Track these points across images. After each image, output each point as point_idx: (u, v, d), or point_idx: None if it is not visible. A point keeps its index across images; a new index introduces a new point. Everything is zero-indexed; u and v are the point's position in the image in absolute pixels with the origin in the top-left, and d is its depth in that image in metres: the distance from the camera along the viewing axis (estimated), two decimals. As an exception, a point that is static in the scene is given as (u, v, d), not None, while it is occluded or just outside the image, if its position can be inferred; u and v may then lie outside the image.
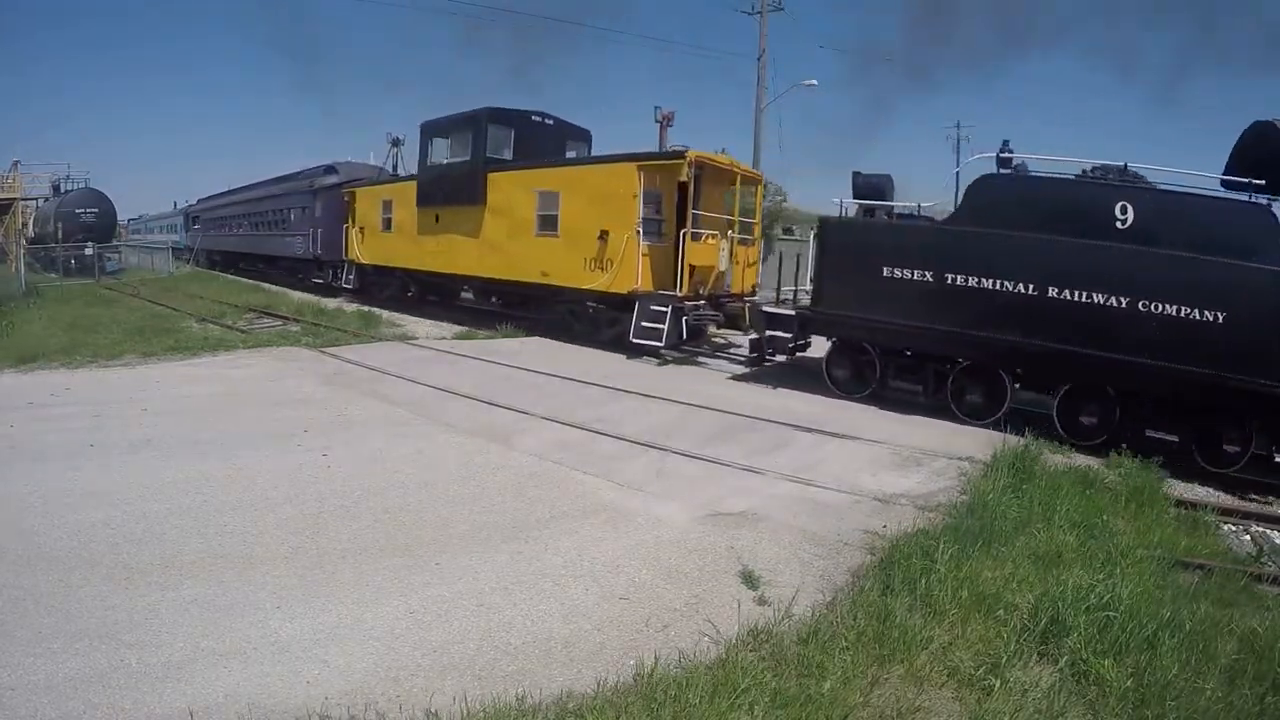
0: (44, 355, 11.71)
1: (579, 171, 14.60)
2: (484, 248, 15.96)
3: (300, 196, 25.09)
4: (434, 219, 17.44)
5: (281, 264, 27.73)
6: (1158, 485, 7.14)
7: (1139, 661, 3.88)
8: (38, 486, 5.81)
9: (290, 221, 26.01)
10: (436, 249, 17.35)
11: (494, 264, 15.82)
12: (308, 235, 23.96)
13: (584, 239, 13.64)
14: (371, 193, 20.55)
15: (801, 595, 4.50)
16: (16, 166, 39.28)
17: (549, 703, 3.38)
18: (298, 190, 25.55)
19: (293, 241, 25.58)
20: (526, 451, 7.26)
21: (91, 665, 3.54)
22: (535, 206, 14.78)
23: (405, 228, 18.54)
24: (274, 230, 27.62)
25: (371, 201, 20.24)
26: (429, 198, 17.48)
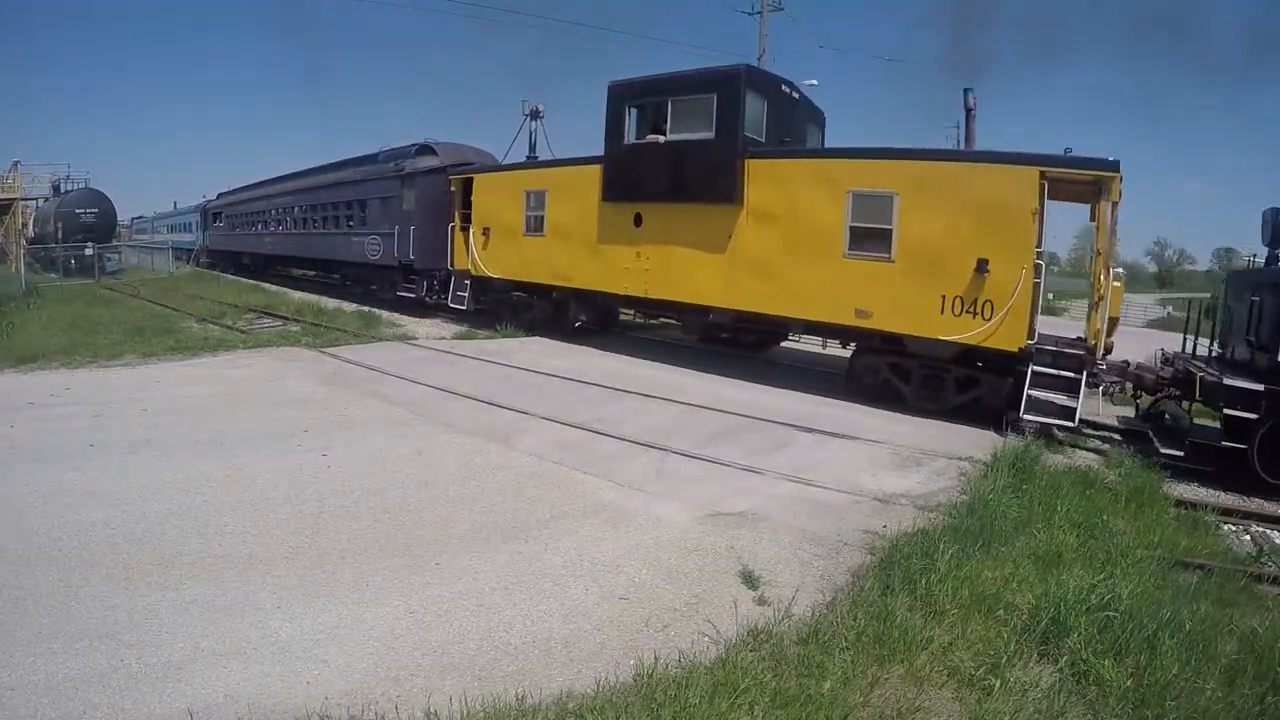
0: (44, 355, 11.71)
1: (935, 169, 9.94)
2: (736, 267, 11.30)
3: (379, 185, 19.21)
4: (632, 220, 12.60)
5: (347, 271, 22.31)
6: (1158, 485, 7.14)
7: (1139, 661, 3.88)
8: (38, 486, 5.81)
9: (363, 218, 20.24)
10: (639, 264, 12.51)
11: (755, 291, 11.11)
12: (391, 235, 18.45)
13: (943, 268, 9.55)
14: (502, 182, 15.48)
15: (801, 595, 4.50)
16: (16, 166, 39.31)
17: (549, 703, 3.39)
18: (376, 176, 19.50)
19: (365, 243, 19.86)
20: (526, 451, 7.26)
21: (91, 665, 3.54)
22: (847, 214, 10.37)
23: (573, 231, 13.62)
24: (336, 228, 21.86)
25: (503, 194, 15.25)
26: (626, 190, 12.65)
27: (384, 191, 19.05)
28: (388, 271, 19.21)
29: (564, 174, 14.08)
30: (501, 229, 15.33)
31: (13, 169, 39.11)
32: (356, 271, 21.53)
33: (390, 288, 19.37)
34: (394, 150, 19.52)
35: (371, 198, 19.65)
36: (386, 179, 18.98)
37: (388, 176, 18.93)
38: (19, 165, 39.35)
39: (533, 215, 14.65)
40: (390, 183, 18.76)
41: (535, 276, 14.68)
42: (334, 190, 22.00)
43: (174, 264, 33.16)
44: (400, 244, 18.06)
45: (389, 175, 18.89)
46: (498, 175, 15.96)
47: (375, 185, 19.53)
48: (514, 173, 15.57)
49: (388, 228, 18.61)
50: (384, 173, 19.18)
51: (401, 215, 18.19)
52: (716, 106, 11.35)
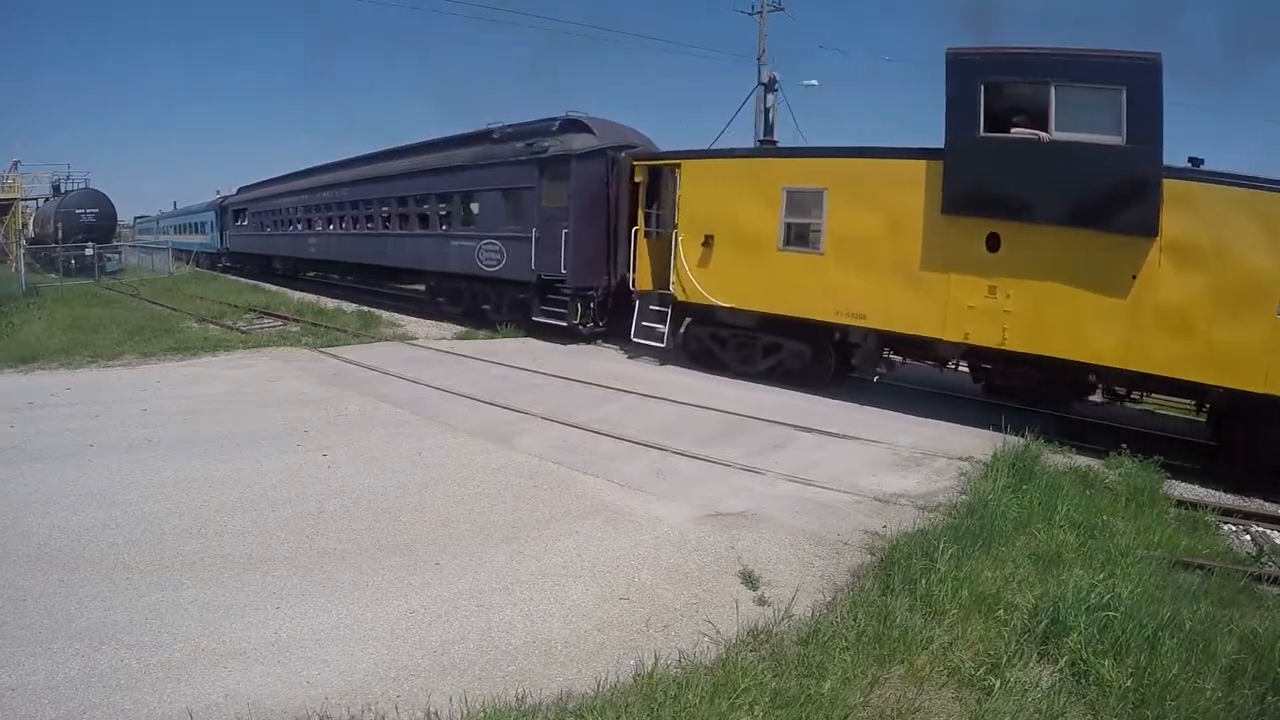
0: (44, 355, 11.72)
1: None
2: (1142, 317, 8.38)
3: (500, 172, 14.57)
4: (983, 242, 9.02)
5: (439, 284, 17.07)
6: (1158, 485, 7.14)
7: (1139, 661, 3.88)
8: (38, 486, 5.81)
9: (468, 215, 15.73)
10: (993, 303, 9.02)
11: (1167, 351, 8.25)
12: (521, 239, 13.90)
13: None
14: (739, 173, 11.20)
15: (801, 595, 4.50)
16: (17, 167, 39.36)
17: (549, 703, 3.39)
18: (494, 161, 14.78)
19: (476, 249, 14.99)
20: (526, 452, 7.26)
21: (92, 665, 3.54)
22: None
23: (875, 249, 9.74)
24: (423, 229, 17.05)
25: (740, 190, 10.96)
26: (978, 201, 8.99)
27: (508, 180, 14.39)
28: (513, 288, 14.59)
29: (856, 168, 9.96)
30: (736, 239, 10.94)
31: (13, 169, 39.18)
32: (457, 285, 16.43)
33: (514, 309, 14.77)
34: (521, 127, 14.71)
35: (486, 189, 14.98)
36: (513, 164, 14.25)
37: (516, 161, 14.21)
38: (19, 165, 39.43)
39: (797, 223, 10.55)
40: (520, 169, 14.05)
41: (798, 309, 10.45)
42: (420, 180, 17.15)
43: (174, 264, 33.12)
44: (541, 252, 13.46)
45: (518, 159, 14.15)
46: (730, 163, 11.54)
47: (493, 173, 14.74)
48: (760, 161, 11.43)
49: (516, 229, 14.10)
50: (508, 155, 14.45)
51: (542, 213, 13.56)
52: (1126, 104, 8.29)
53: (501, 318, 15.02)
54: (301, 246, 24.13)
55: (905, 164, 9.61)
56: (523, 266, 14.02)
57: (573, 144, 13.29)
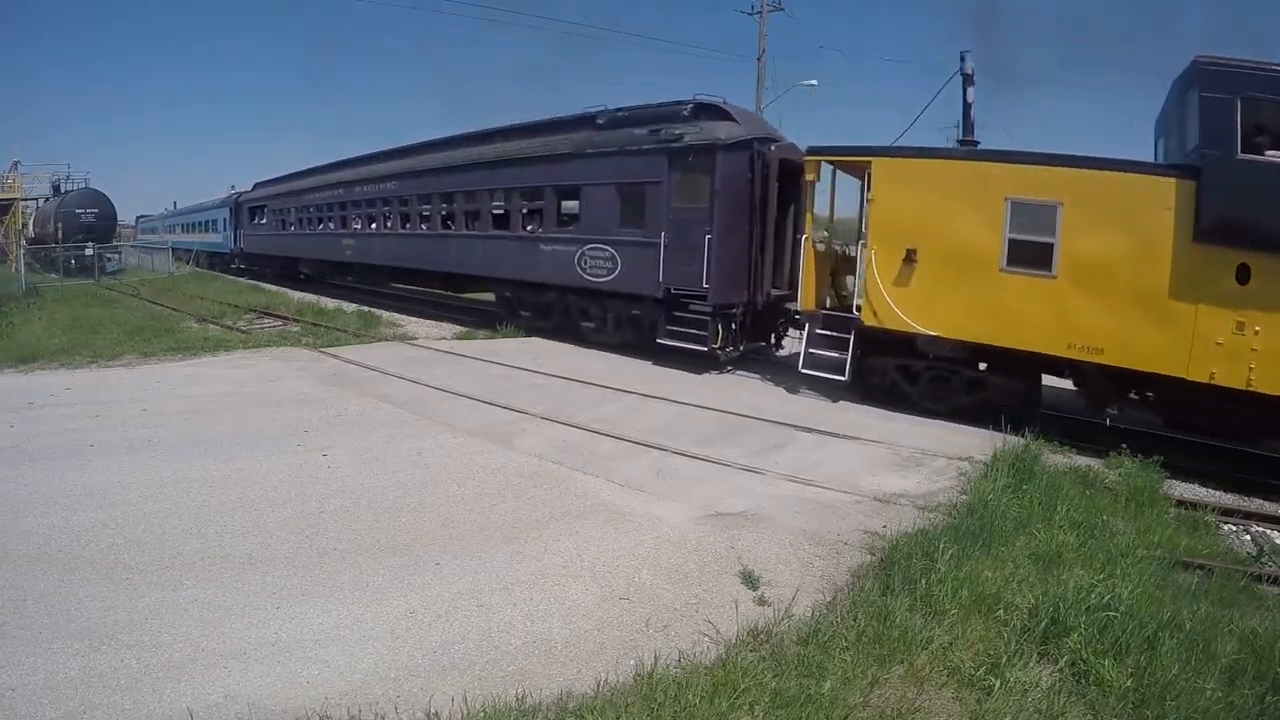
0: (44, 355, 11.73)
1: None
2: None
3: (614, 164, 12.28)
4: (1233, 274, 7.96)
5: (523, 294, 14.69)
6: (1158, 485, 7.14)
7: (1139, 661, 3.89)
8: (38, 486, 5.81)
9: (574, 215, 13.31)
10: (1239, 340, 8.01)
11: None
12: (644, 245, 11.71)
13: None
14: (949, 176, 9.45)
15: (801, 595, 4.50)
16: (17, 167, 39.39)
17: (549, 703, 3.39)
18: (606, 149, 12.48)
19: (577, 255, 12.79)
20: (527, 452, 7.26)
21: (92, 665, 3.55)
22: None
23: (1114, 274, 8.38)
24: (503, 230, 14.71)
25: (949, 196, 9.30)
26: (1233, 229, 7.96)
27: (624, 173, 12.06)
28: (627, 304, 12.31)
29: (1096, 181, 8.60)
30: (945, 256, 9.29)
31: (13, 169, 39.20)
32: (544, 298, 14.04)
33: (627, 328, 12.52)
34: (637, 111, 12.45)
35: (592, 183, 12.60)
36: (632, 155, 11.92)
37: (636, 150, 11.86)
38: (19, 165, 39.46)
39: (1024, 240, 8.93)
40: (643, 160, 11.76)
41: (1021, 340, 8.88)
42: (495, 172, 14.70)
43: (174, 264, 33.11)
44: (672, 261, 11.27)
45: (638, 148, 11.82)
46: (937, 165, 9.64)
47: (602, 164, 12.45)
48: (977, 165, 9.40)
49: (635, 233, 11.83)
50: (623, 144, 12.12)
51: (673, 214, 11.34)
52: None
53: (608, 338, 12.97)
54: (333, 248, 21.55)
55: (1154, 181, 8.41)
56: (644, 278, 11.67)
57: (716, 132, 11.06)
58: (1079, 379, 9.07)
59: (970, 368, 9.54)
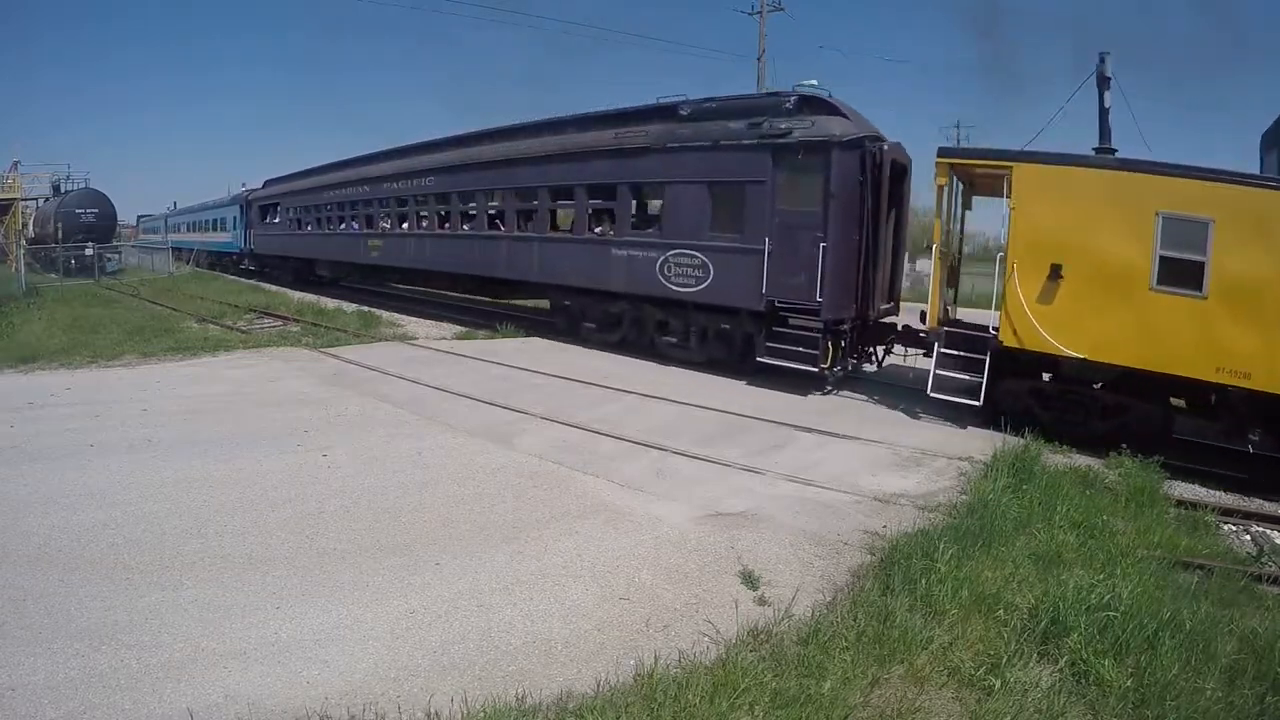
0: (44, 355, 11.73)
1: None
2: None
3: (712, 159, 10.97)
4: None
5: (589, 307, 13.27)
6: (1158, 485, 7.14)
7: (1139, 661, 3.89)
8: (38, 486, 5.82)
9: (655, 216, 12.47)
10: None
11: None
12: (750, 254, 10.47)
13: None
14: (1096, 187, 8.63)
15: (801, 595, 4.50)
16: (17, 167, 39.41)
17: (549, 703, 3.39)
18: (703, 144, 11.09)
19: (657, 262, 11.56)
20: (526, 452, 7.26)
21: (92, 665, 3.55)
22: None
23: (1264, 295, 7.99)
24: (567, 232, 13.78)
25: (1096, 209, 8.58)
26: None
27: (718, 170, 10.85)
28: (719, 317, 11.14)
29: (1251, 199, 8.18)
30: (1093, 272, 8.63)
31: (13, 169, 39.22)
32: (615, 308, 12.64)
33: (718, 344, 11.34)
34: (728, 102, 11.26)
35: (678, 181, 11.33)
36: (728, 150, 10.71)
37: (734, 145, 10.65)
38: (19, 165, 39.48)
39: (1174, 258, 8.38)
40: (741, 157, 10.58)
41: (1168, 362, 8.31)
42: (556, 167, 13.32)
43: (174, 264, 33.11)
44: (777, 270, 10.22)
45: (737, 143, 10.61)
46: (1084, 174, 8.87)
47: (690, 160, 11.14)
48: (1125, 176, 8.72)
49: (731, 238, 10.72)
50: (717, 137, 10.84)
51: (779, 218, 10.26)
52: None
53: (690, 355, 11.70)
54: (357, 249, 20.10)
55: None
56: (742, 288, 10.56)
57: (830, 128, 10.00)
58: (1218, 405, 8.45)
59: (1114, 393, 8.81)
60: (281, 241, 25.71)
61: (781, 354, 10.29)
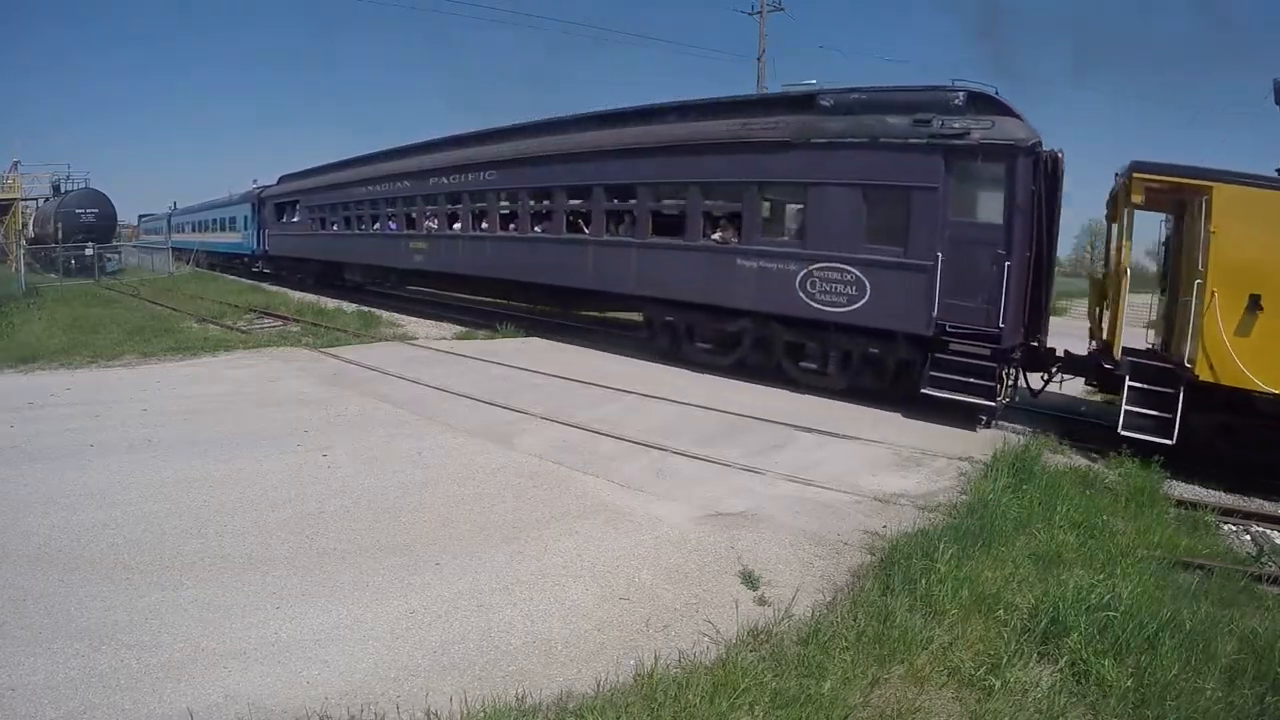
0: (44, 355, 11.73)
1: None
2: None
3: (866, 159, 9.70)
4: None
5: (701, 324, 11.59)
6: (1158, 485, 7.14)
7: (1139, 661, 3.89)
8: (38, 486, 5.81)
9: (793, 223, 10.62)
10: None
11: None
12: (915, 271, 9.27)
13: None
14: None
15: (801, 595, 4.50)
16: (17, 167, 39.43)
17: (549, 703, 3.39)
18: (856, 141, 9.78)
19: (797, 276, 10.13)
20: (526, 452, 7.26)
21: (92, 665, 3.55)
22: None
23: None
24: (675, 238, 11.65)
25: None
26: None
27: (877, 173, 9.55)
28: (872, 341, 9.76)
29: None
30: None
31: (13, 169, 39.23)
32: (735, 326, 11.04)
33: (868, 370, 9.98)
34: (880, 94, 9.87)
35: (825, 182, 9.89)
36: (891, 150, 9.44)
37: (900, 145, 9.35)
38: (19, 165, 39.49)
39: None
40: (905, 158, 9.32)
41: None
42: (660, 161, 11.69)
43: (174, 264, 33.11)
44: (950, 290, 9.02)
45: (903, 142, 9.32)
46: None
47: (840, 158, 9.81)
48: None
49: (891, 250, 9.45)
50: (880, 134, 9.51)
51: (951, 230, 9.08)
52: None
53: (830, 383, 10.26)
54: (396, 252, 17.98)
55: None
56: (906, 310, 9.28)
57: (1012, 130, 8.82)
58: None
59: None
60: (301, 242, 23.71)
61: (948, 384, 9.01)
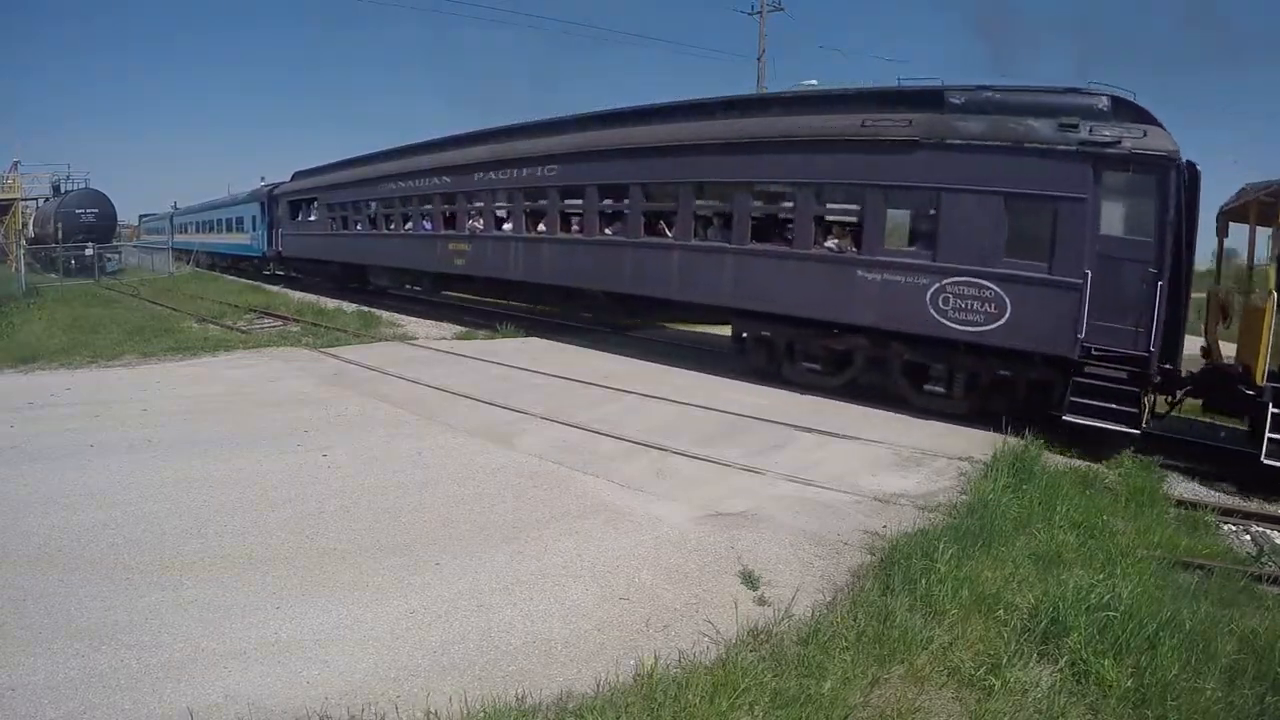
0: (44, 355, 11.74)
1: None
2: None
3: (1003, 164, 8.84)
4: None
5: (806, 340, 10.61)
6: (1158, 485, 7.14)
7: (1139, 661, 3.88)
8: (38, 486, 5.81)
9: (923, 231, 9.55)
10: None
11: None
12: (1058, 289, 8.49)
13: None
14: None
15: (801, 595, 4.50)
16: (17, 167, 39.47)
17: (549, 703, 3.39)
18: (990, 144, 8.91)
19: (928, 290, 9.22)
20: (527, 451, 7.26)
21: (92, 665, 3.54)
22: None
23: None
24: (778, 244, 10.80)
25: None
26: None
27: (1019, 180, 8.75)
28: (1000, 362, 9.04)
29: None
30: None
31: (13, 169, 39.26)
32: (852, 344, 10.16)
33: (991, 393, 9.26)
34: (1019, 95, 9.06)
35: (960, 188, 9.03)
36: (1034, 155, 8.64)
37: (1046, 150, 8.55)
38: (19, 165, 39.52)
39: None
40: (1050, 166, 8.56)
41: None
42: (761, 159, 10.65)
43: (174, 264, 33.11)
44: (1099, 309, 8.35)
45: (1049, 148, 8.53)
46: None
47: (976, 162, 8.96)
48: None
49: (1033, 265, 8.66)
50: (1021, 138, 8.68)
51: (1099, 246, 8.43)
52: None
53: (953, 406, 9.38)
54: (432, 254, 16.49)
55: None
56: (1049, 330, 8.51)
57: (1162, 141, 8.22)
58: None
59: None
60: (320, 244, 22.21)
61: (1090, 410, 8.25)
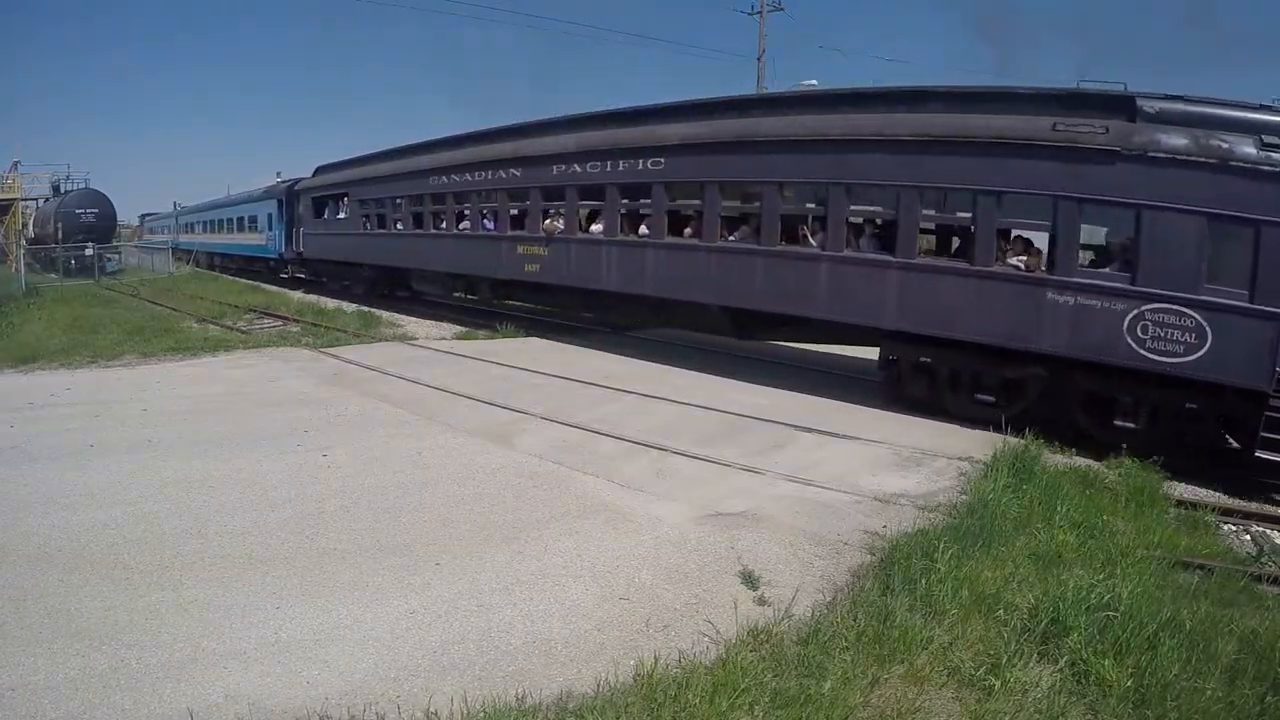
0: (44, 355, 11.73)
1: None
2: None
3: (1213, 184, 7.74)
4: None
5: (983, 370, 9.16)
6: (1158, 485, 7.14)
7: (1139, 661, 3.88)
8: (38, 486, 5.81)
9: (1121, 250, 8.54)
10: None
11: None
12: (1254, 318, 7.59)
13: None
14: None
15: (802, 595, 4.50)
16: (16, 167, 39.48)
17: (549, 703, 3.39)
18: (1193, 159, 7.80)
19: (1126, 316, 8.04)
20: (527, 451, 7.26)
21: (92, 665, 3.55)
22: None
23: None
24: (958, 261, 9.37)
25: None
26: None
27: (1225, 200, 7.90)
28: (1186, 394, 8.18)
29: None
30: None
31: (13, 169, 39.27)
32: (1031, 373, 8.95)
33: (1171, 427, 8.29)
34: (1215, 108, 8.10)
35: (1160, 206, 8.07)
36: (1234, 174, 7.86)
37: (1243, 170, 7.80)
38: (19, 165, 39.53)
39: None
40: (1249, 187, 7.84)
41: None
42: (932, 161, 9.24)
43: (174, 264, 33.10)
44: None
45: (1250, 168, 7.76)
46: None
47: (1179, 179, 8.08)
48: None
49: (1235, 293, 7.88)
50: (1226, 156, 7.87)
51: None
52: None
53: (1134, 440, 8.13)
54: (497, 258, 14.61)
55: None
56: (1246, 361, 7.73)
57: None
58: None
59: None
60: (349, 244, 19.98)
61: None
